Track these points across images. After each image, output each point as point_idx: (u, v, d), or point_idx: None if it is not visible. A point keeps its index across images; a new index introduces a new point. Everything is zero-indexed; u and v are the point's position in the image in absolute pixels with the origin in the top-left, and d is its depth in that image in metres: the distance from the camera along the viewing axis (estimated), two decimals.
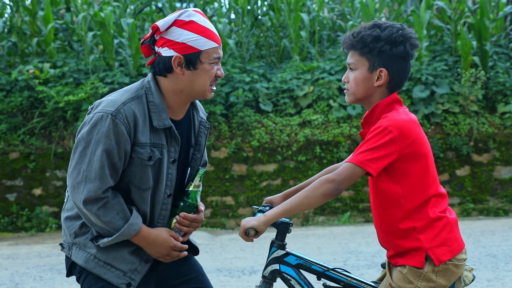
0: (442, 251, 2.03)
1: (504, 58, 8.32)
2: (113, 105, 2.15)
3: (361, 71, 2.11)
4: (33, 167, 7.55)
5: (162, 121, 2.19)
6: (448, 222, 2.07)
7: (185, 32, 2.16)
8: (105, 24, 8.09)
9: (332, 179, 2.01)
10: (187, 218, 2.27)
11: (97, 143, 2.12)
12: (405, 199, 2.04)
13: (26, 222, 7.45)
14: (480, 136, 7.60)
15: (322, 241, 6.25)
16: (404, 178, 2.04)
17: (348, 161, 2.03)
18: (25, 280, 5.14)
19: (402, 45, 2.09)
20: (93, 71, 8.10)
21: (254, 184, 7.50)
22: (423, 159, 2.05)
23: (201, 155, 2.36)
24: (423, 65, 7.89)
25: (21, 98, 7.70)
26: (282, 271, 2.19)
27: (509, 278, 4.71)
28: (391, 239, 2.09)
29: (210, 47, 2.17)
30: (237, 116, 7.66)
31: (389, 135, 2.00)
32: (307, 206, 2.05)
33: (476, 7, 8.70)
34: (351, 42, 2.11)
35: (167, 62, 2.17)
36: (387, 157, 2.00)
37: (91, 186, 2.12)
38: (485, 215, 7.44)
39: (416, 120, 2.09)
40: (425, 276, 2.02)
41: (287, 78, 7.90)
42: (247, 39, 8.77)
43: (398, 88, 2.13)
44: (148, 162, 2.17)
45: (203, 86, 2.21)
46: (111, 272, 2.20)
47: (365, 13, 8.25)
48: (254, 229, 2.07)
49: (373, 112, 2.11)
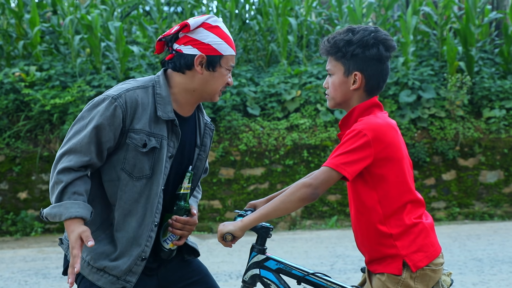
0: (418, 257, 2.04)
1: (489, 64, 8.40)
2: (117, 90, 2.23)
3: (338, 75, 2.12)
4: (19, 171, 7.48)
5: (166, 113, 2.24)
6: (424, 228, 2.07)
7: (212, 35, 2.25)
8: (92, 27, 8.06)
9: (309, 183, 2.01)
10: (179, 221, 2.28)
11: (91, 121, 2.17)
12: (381, 205, 2.05)
13: (11, 226, 7.38)
14: (466, 140, 7.66)
15: (309, 245, 6.26)
16: (380, 183, 2.04)
17: (324, 165, 2.03)
18: (10, 284, 5.09)
19: (375, 48, 2.09)
20: (80, 74, 8.05)
21: (242, 188, 7.50)
22: (399, 164, 2.05)
23: (206, 155, 2.40)
24: (409, 70, 7.94)
25: (7, 101, 7.63)
26: (262, 275, 2.18)
27: (494, 282, 4.74)
28: (368, 244, 2.10)
29: (230, 54, 2.27)
30: (224, 120, 7.66)
31: (363, 138, 2.00)
32: (284, 211, 2.05)
33: (462, 13, 8.78)
34: (326, 48, 2.14)
35: (189, 59, 2.24)
36: (362, 160, 2.00)
37: (73, 157, 2.15)
38: (471, 219, 7.49)
39: (393, 125, 2.08)
40: (403, 283, 2.03)
41: (275, 82, 7.91)
42: (235, 43, 8.77)
43: (377, 91, 2.13)
44: (142, 149, 2.19)
45: (215, 89, 2.28)
46: (104, 278, 2.20)
47: (352, 18, 8.30)
48: (231, 234, 2.07)
49: (351, 114, 2.12)
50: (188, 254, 2.41)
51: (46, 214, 2.14)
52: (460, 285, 4.66)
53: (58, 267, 5.58)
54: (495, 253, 5.63)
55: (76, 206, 2.11)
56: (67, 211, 2.11)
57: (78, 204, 2.12)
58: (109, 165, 2.22)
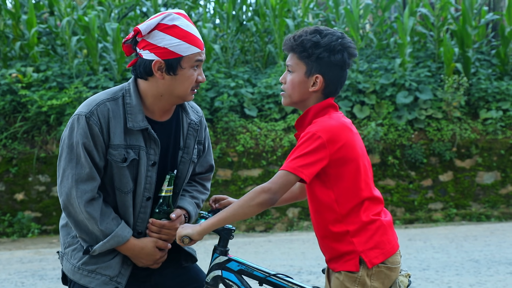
0: (374, 254, 2.05)
1: (486, 65, 8.42)
2: (87, 106, 2.17)
3: (298, 74, 2.12)
4: (15, 172, 7.47)
5: (137, 123, 2.17)
6: (381, 225, 2.08)
7: (167, 36, 2.13)
8: (89, 29, 8.05)
9: (268, 188, 2.01)
10: (154, 224, 2.25)
11: (79, 145, 2.13)
12: (338, 203, 2.06)
13: (8, 227, 7.36)
14: (463, 141, 7.68)
15: (307, 246, 6.26)
16: (336, 182, 2.06)
17: (282, 169, 2.03)
18: (6, 286, 5.08)
19: (340, 54, 2.09)
20: (77, 75, 8.05)
21: (239, 189, 7.50)
22: (354, 163, 2.06)
23: (190, 157, 2.32)
24: (406, 71, 7.95)
25: (4, 102, 7.62)
26: (224, 277, 2.18)
27: (491, 283, 4.75)
28: (326, 243, 2.11)
29: (192, 53, 2.15)
30: (222, 121, 7.66)
31: (318, 140, 2.01)
32: (242, 216, 2.04)
33: (459, 14, 8.80)
34: (291, 44, 2.12)
35: (148, 66, 2.15)
36: (318, 162, 2.01)
37: (86, 187, 2.12)
38: (468, 220, 7.50)
39: (347, 125, 2.09)
40: (360, 280, 2.04)
41: (272, 83, 7.91)
42: (232, 44, 8.78)
43: (333, 95, 2.14)
44: (123, 164, 2.16)
45: (184, 91, 2.19)
46: (96, 280, 2.19)
47: (349, 19, 8.31)
48: (188, 237, 2.07)
49: (306, 115, 2.13)
50: (185, 261, 2.38)
51: (100, 250, 2.17)
52: (457, 286, 4.67)
53: (55, 268, 5.58)
54: (492, 254, 5.64)
55: (124, 228, 2.19)
56: (122, 239, 2.17)
57: (122, 225, 2.19)
58: (101, 186, 2.21)
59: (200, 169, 2.46)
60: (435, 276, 4.96)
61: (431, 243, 6.18)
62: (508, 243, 6.11)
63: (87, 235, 2.18)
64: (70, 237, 2.24)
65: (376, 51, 8.88)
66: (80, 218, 2.15)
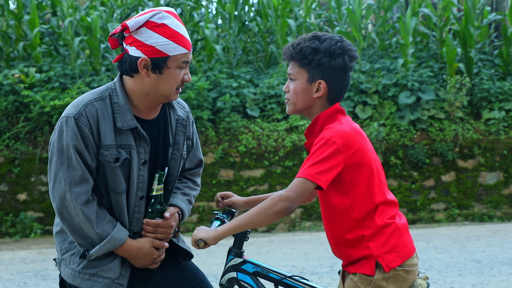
0: (391, 257, 2.04)
1: (488, 65, 8.41)
2: (75, 107, 2.15)
3: (301, 82, 2.11)
4: (18, 172, 7.48)
5: (126, 122, 2.16)
6: (397, 228, 2.07)
7: (155, 35, 2.11)
8: (91, 29, 8.06)
9: (286, 196, 1.99)
10: (149, 224, 2.24)
11: (70, 148, 2.11)
12: (353, 209, 2.05)
13: (11, 227, 7.37)
14: (465, 142, 7.67)
15: (309, 247, 6.26)
16: (351, 188, 2.05)
17: (298, 176, 2.01)
18: (9, 286, 5.08)
19: (340, 57, 2.09)
20: (80, 75, 8.06)
21: (241, 189, 7.50)
22: (367, 168, 2.06)
23: (180, 154, 2.32)
24: (409, 72, 7.95)
25: (6, 102, 7.63)
26: (240, 279, 2.18)
27: (494, 283, 4.74)
28: (342, 250, 2.10)
29: (179, 53, 2.13)
30: (224, 122, 7.66)
31: (333, 146, 2.00)
32: (258, 224, 2.03)
33: (461, 14, 8.79)
34: (291, 53, 2.12)
35: (133, 62, 2.14)
36: (334, 168, 2.00)
37: (80, 190, 2.11)
38: (470, 220, 7.49)
39: (358, 130, 2.10)
40: (375, 283, 2.03)
41: (274, 83, 7.91)
42: (234, 44, 8.78)
43: (338, 100, 2.14)
44: (115, 164, 2.15)
45: (168, 90, 2.18)
46: (99, 283, 2.18)
47: (351, 20, 8.30)
48: (203, 241, 2.06)
49: (315, 123, 2.12)
50: (183, 259, 2.38)
51: (97, 254, 2.15)
52: (459, 287, 4.67)
53: (57, 269, 5.58)
54: (495, 255, 5.63)
55: (120, 230, 2.18)
56: (118, 241, 2.16)
57: (118, 228, 2.17)
58: (95, 188, 2.19)
59: (190, 164, 2.45)
60: (438, 276, 4.96)
61: (433, 244, 6.18)
62: (511, 243, 6.10)
63: (82, 239, 2.16)
64: (67, 242, 2.23)
65: (379, 51, 8.88)
66: (75, 221, 2.13)
